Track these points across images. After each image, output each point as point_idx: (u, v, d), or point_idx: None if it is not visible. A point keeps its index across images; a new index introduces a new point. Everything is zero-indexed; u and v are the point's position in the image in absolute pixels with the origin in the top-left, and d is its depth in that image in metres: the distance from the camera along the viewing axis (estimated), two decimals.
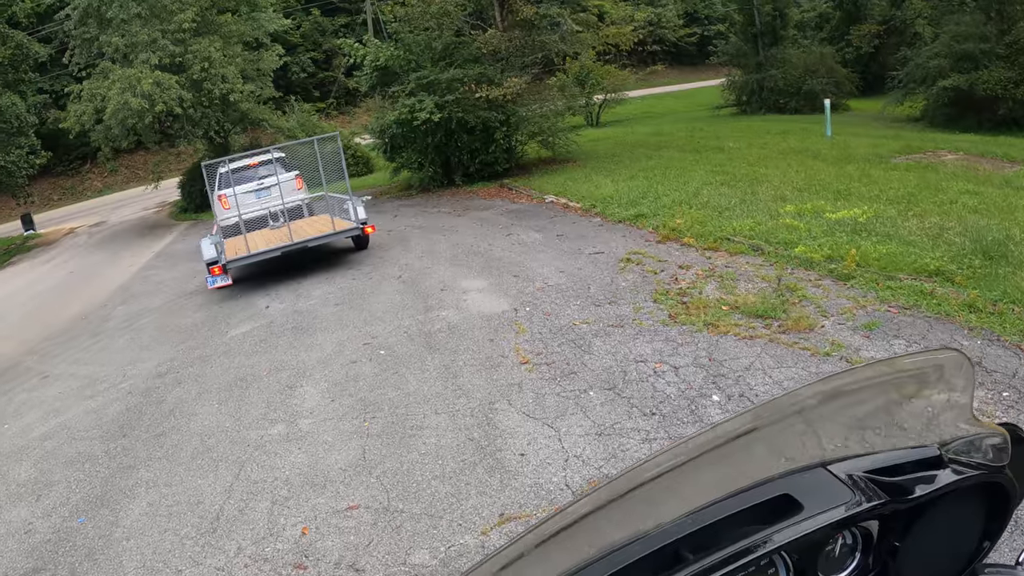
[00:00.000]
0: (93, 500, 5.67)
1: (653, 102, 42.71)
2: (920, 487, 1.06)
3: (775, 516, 1.01)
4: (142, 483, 5.71)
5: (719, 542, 0.98)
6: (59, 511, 5.64)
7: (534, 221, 12.73)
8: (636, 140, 23.50)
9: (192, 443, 6.20)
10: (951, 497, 1.08)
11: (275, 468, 5.39)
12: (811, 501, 1.02)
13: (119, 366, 9.11)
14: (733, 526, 1.00)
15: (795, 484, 1.04)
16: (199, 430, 6.43)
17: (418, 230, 13.78)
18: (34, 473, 6.48)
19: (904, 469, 1.08)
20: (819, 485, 1.04)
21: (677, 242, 9.81)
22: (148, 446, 6.39)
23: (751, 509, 1.01)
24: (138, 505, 5.38)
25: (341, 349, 7.71)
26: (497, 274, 9.56)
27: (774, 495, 1.03)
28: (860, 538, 1.09)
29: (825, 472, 1.06)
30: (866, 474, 1.07)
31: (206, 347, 8.97)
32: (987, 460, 1.09)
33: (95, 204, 37.61)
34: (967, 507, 1.13)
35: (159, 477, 5.73)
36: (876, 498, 1.03)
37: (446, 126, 17.29)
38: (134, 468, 6.02)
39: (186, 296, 12.42)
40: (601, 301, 7.83)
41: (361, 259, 12.16)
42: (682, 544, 0.98)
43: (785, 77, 31.37)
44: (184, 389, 7.60)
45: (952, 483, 1.06)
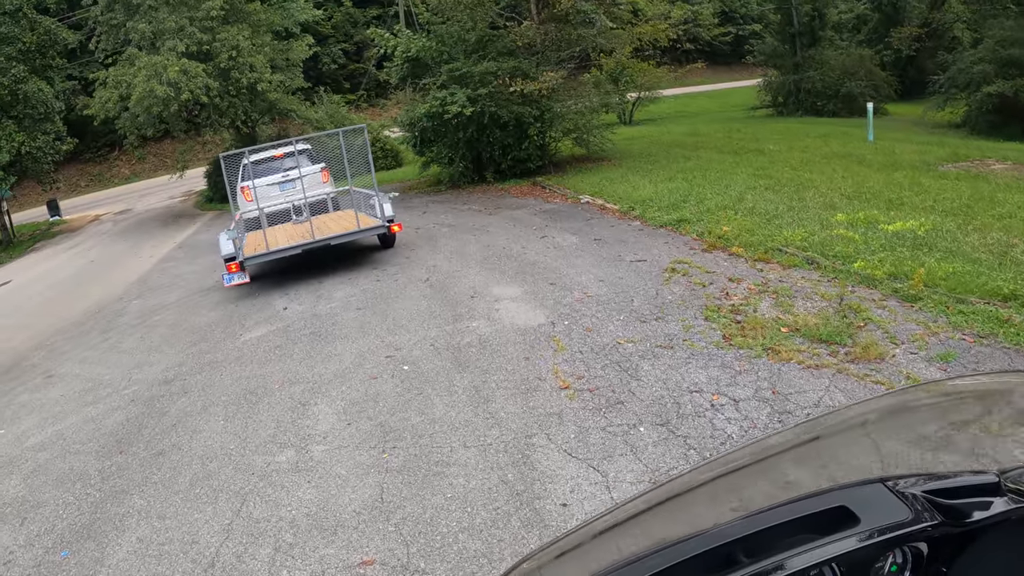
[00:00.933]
0: (80, 530, 5.05)
1: (687, 101, 41.77)
2: (976, 512, 1.01)
3: (831, 527, 0.99)
4: (134, 512, 5.08)
5: (773, 548, 0.96)
6: (43, 540, 5.04)
7: (569, 223, 12.01)
8: (672, 140, 22.72)
9: (192, 467, 5.57)
10: (1007, 527, 1.03)
11: (281, 505, 4.73)
12: (867, 515, 0.99)
13: (126, 369, 8.54)
14: (788, 533, 0.98)
15: (853, 497, 1.02)
16: (201, 451, 5.80)
17: (447, 228, 13.11)
18: (23, 490, 5.90)
19: (961, 492, 1.04)
20: (876, 500, 1.02)
21: (724, 251, 9.06)
22: (145, 467, 5.77)
23: (807, 518, 1.00)
24: (127, 540, 4.75)
25: (361, 362, 7.04)
26: (532, 281, 8.86)
27: (831, 506, 1.01)
28: (911, 558, 1.03)
29: (883, 488, 1.03)
30: (923, 493, 1.03)
31: (217, 351, 8.36)
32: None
33: (122, 191, 37.41)
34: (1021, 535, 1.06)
35: (153, 506, 5.11)
36: (931, 519, 1.00)
37: (478, 120, 16.61)
38: (127, 493, 5.40)
39: (203, 292, 11.85)
40: (647, 316, 7.10)
41: (387, 258, 11.51)
42: (736, 546, 0.96)
43: (823, 79, 30.58)
44: (190, 400, 6.99)
45: (1008, 511, 1.02)
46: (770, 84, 33.33)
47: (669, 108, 36.54)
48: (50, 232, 28.06)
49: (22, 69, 22.91)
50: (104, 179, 40.91)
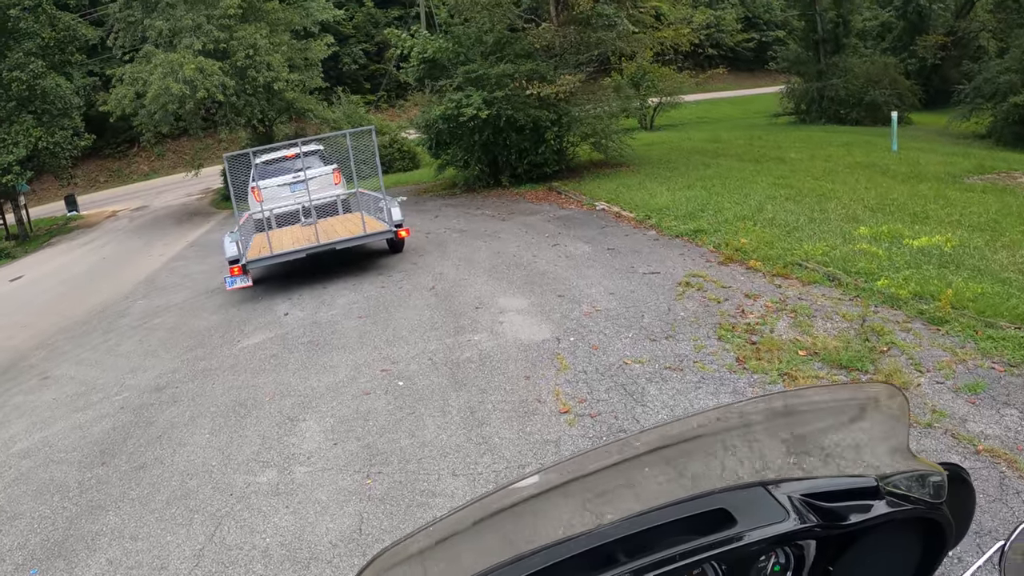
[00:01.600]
0: (51, 547, 4.82)
1: (708, 107, 41.27)
2: (855, 515, 1.06)
3: (711, 529, 1.00)
4: (107, 532, 4.83)
5: (654, 548, 0.97)
6: (13, 556, 4.82)
7: (583, 230, 11.70)
8: (692, 146, 22.34)
9: (171, 483, 5.31)
10: (887, 529, 1.09)
11: (256, 531, 4.45)
12: (746, 518, 1.01)
13: (120, 373, 8.32)
14: (669, 534, 0.99)
15: (733, 500, 1.04)
16: (182, 466, 5.54)
17: (458, 234, 12.83)
18: (1, 500, 5.68)
19: (841, 496, 1.08)
20: (756, 503, 1.04)
21: (742, 265, 8.72)
22: (124, 481, 5.53)
23: (688, 519, 1.01)
24: (96, 562, 4.50)
25: (356, 375, 6.76)
26: (540, 292, 8.56)
27: (711, 508, 1.02)
28: (793, 559, 1.07)
29: (763, 491, 1.06)
30: (803, 497, 1.06)
31: (213, 358, 8.13)
32: (924, 496, 1.10)
33: (140, 188, 37.51)
34: (902, 541, 1.12)
35: (127, 526, 4.85)
36: (810, 521, 1.03)
37: (494, 123, 16.32)
38: (103, 509, 5.16)
39: (207, 294, 11.65)
40: (657, 334, 6.78)
41: (393, 264, 11.25)
42: (617, 546, 0.97)
43: (847, 87, 30.08)
44: (178, 410, 6.74)
45: (887, 514, 1.07)
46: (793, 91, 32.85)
47: (690, 114, 36.10)
48: (66, 227, 28.12)
49: (40, 64, 22.91)
50: (123, 175, 41.06)
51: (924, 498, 1.11)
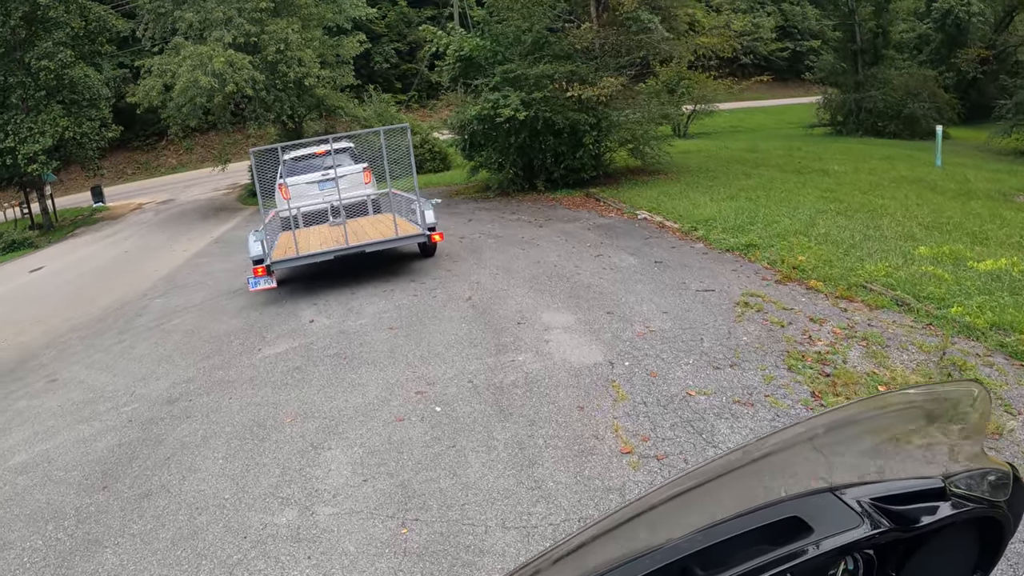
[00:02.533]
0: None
1: (742, 116, 40.43)
2: (923, 517, 1.05)
3: (784, 538, 1.00)
4: (103, 574, 4.20)
5: (727, 560, 0.97)
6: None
7: (626, 241, 10.99)
8: (731, 155, 21.62)
9: (178, 518, 4.67)
10: (950, 529, 1.08)
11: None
12: (819, 524, 1.01)
13: (132, 380, 7.73)
14: (742, 546, 0.98)
15: (803, 507, 1.03)
16: (191, 497, 4.90)
17: (494, 240, 12.16)
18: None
19: (908, 499, 1.07)
20: (827, 509, 1.04)
21: (801, 285, 7.99)
22: (126, 512, 4.89)
23: (760, 529, 1.00)
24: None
25: (388, 396, 6.09)
26: (586, 307, 7.86)
27: (783, 517, 1.01)
28: (862, 564, 1.06)
29: (833, 497, 1.05)
30: (872, 501, 1.05)
31: (231, 368, 7.50)
32: (987, 495, 1.09)
33: (168, 181, 37.28)
34: (964, 539, 1.12)
35: (125, 568, 4.21)
36: (881, 525, 1.02)
37: (531, 126, 15.66)
38: (100, 545, 4.52)
39: (229, 295, 11.07)
40: (720, 361, 6.06)
41: (426, 270, 10.60)
42: (691, 560, 0.97)
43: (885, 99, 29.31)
44: (191, 427, 6.11)
45: (952, 515, 1.06)
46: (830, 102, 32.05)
47: (724, 122, 35.29)
48: (92, 218, 27.86)
49: (69, 54, 22.59)
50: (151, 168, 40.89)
51: (987, 497, 1.09)
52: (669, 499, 1.07)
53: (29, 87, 22.67)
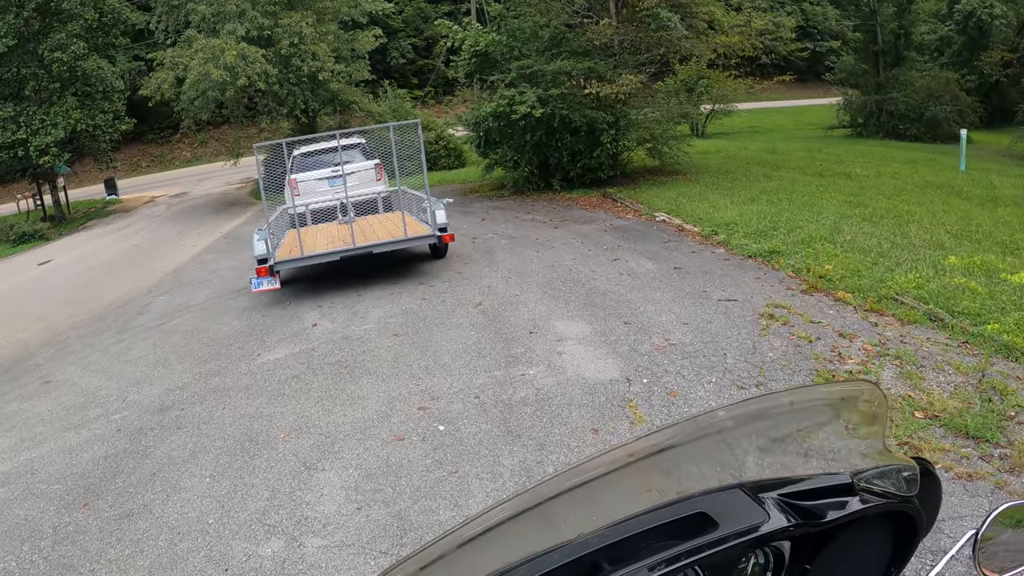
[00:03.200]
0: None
1: (760, 117, 39.75)
2: (831, 512, 1.06)
3: (691, 533, 1.00)
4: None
5: (636, 554, 0.98)
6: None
7: (644, 244, 10.57)
8: (750, 156, 21.11)
9: (158, 544, 4.32)
10: (861, 524, 1.09)
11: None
12: (726, 520, 1.01)
13: (125, 384, 7.41)
14: (650, 539, 1.00)
15: (712, 503, 1.04)
16: (174, 520, 4.55)
17: (507, 241, 11.77)
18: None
19: (817, 494, 1.08)
20: (735, 505, 1.04)
21: (828, 296, 7.55)
22: (105, 533, 4.55)
23: (668, 525, 1.01)
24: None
25: (388, 411, 5.72)
26: (603, 316, 7.46)
27: (691, 512, 1.03)
28: (772, 558, 1.08)
29: (741, 493, 1.06)
30: (780, 496, 1.06)
31: (228, 374, 7.17)
32: (897, 490, 1.11)
33: (181, 174, 37.09)
34: (876, 534, 1.13)
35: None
36: (788, 520, 1.03)
37: (548, 123, 15.24)
38: (74, 572, 4.18)
39: (232, 294, 10.74)
40: (745, 380, 5.65)
41: (436, 271, 10.22)
42: (600, 555, 0.97)
43: (907, 101, 28.64)
44: (180, 440, 5.77)
45: (861, 510, 1.08)
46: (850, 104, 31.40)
47: (742, 123, 34.69)
48: (104, 211, 27.69)
49: (83, 46, 22.38)
50: (165, 161, 40.74)
51: (897, 492, 1.11)
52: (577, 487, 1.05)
53: (42, 79, 22.49)
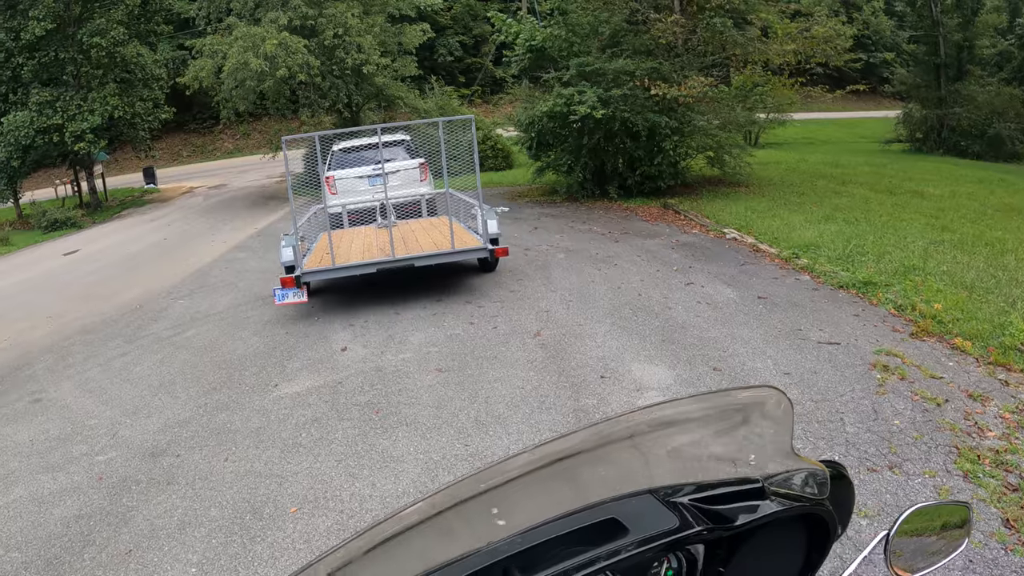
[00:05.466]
0: None
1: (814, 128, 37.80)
2: (743, 516, 1.06)
3: (603, 539, 1.00)
4: None
5: (547, 562, 0.97)
6: None
7: (719, 266, 9.25)
8: (811, 169, 19.69)
9: None
10: (774, 527, 1.09)
11: None
12: (637, 526, 1.01)
13: (120, 412, 6.32)
14: (561, 546, 0.99)
15: (622, 508, 1.04)
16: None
17: (564, 255, 10.51)
18: None
19: (728, 498, 1.08)
20: (646, 510, 1.04)
21: (942, 342, 6.19)
22: None
23: (579, 531, 1.01)
24: None
25: (428, 483, 4.50)
26: (686, 359, 6.19)
27: (602, 519, 1.02)
28: (686, 563, 1.08)
29: (652, 498, 1.06)
30: (692, 501, 1.06)
31: (237, 410, 6.03)
32: (808, 493, 1.11)
33: (222, 165, 36.46)
34: (789, 537, 1.13)
35: None
36: (700, 524, 1.03)
37: (607, 126, 13.99)
38: None
39: (255, 303, 9.65)
40: (874, 459, 4.37)
41: (485, 289, 9.02)
42: (511, 562, 0.96)
43: (969, 117, 26.93)
44: (169, 502, 4.63)
45: (773, 513, 1.08)
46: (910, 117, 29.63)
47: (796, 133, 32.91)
48: (141, 200, 27.08)
49: (122, 31, 21.65)
50: (206, 151, 40.21)
51: (808, 495, 1.11)
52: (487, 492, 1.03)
53: (81, 64, 21.82)
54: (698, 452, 1.21)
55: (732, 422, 1.22)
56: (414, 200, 11.72)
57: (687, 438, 1.21)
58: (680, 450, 1.20)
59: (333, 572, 0.97)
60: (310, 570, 0.97)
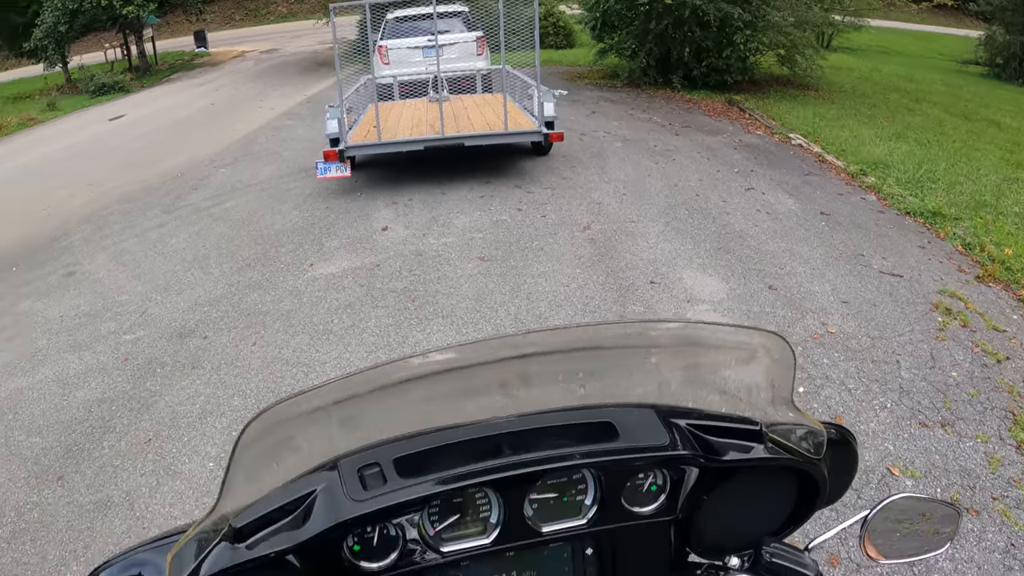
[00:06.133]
0: None
1: (891, 38, 34.87)
2: (735, 453, 1.06)
3: (595, 439, 1.01)
4: None
5: (537, 447, 0.98)
6: None
7: (781, 173, 8.51)
8: (884, 81, 18.06)
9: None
10: (764, 474, 1.09)
11: None
12: (631, 435, 1.01)
13: (152, 288, 6.12)
14: (555, 436, 1.00)
15: (621, 416, 1.04)
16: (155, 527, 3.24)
17: (620, 144, 9.84)
18: None
19: (725, 434, 1.07)
20: (643, 423, 1.04)
21: (1008, 291, 5.47)
22: (64, 538, 3.30)
23: (575, 427, 1.02)
24: None
25: None
26: (741, 273, 5.66)
27: (599, 420, 1.03)
28: (671, 483, 1.08)
29: (652, 414, 1.06)
30: (689, 426, 1.06)
31: (270, 289, 5.77)
32: (803, 449, 1.09)
33: (275, 30, 35.56)
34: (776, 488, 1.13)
35: None
36: (692, 449, 1.03)
37: (677, 12, 12.86)
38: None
39: (298, 175, 9.29)
40: (927, 412, 3.92)
41: (537, 174, 8.49)
42: (504, 439, 0.98)
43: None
44: (192, 387, 4.43)
45: (765, 459, 1.07)
46: (992, 40, 26.98)
47: (870, 40, 30.34)
48: (191, 64, 26.62)
49: None
50: (259, 15, 39.20)
51: (803, 451, 1.09)
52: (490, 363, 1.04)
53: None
54: (705, 380, 1.19)
55: (739, 358, 1.19)
56: (469, 75, 11.14)
57: (698, 363, 1.19)
58: (688, 373, 1.19)
59: (337, 400, 0.98)
60: (311, 393, 0.93)
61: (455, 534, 1.00)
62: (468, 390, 1.05)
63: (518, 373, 1.07)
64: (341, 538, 0.95)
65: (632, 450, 1.00)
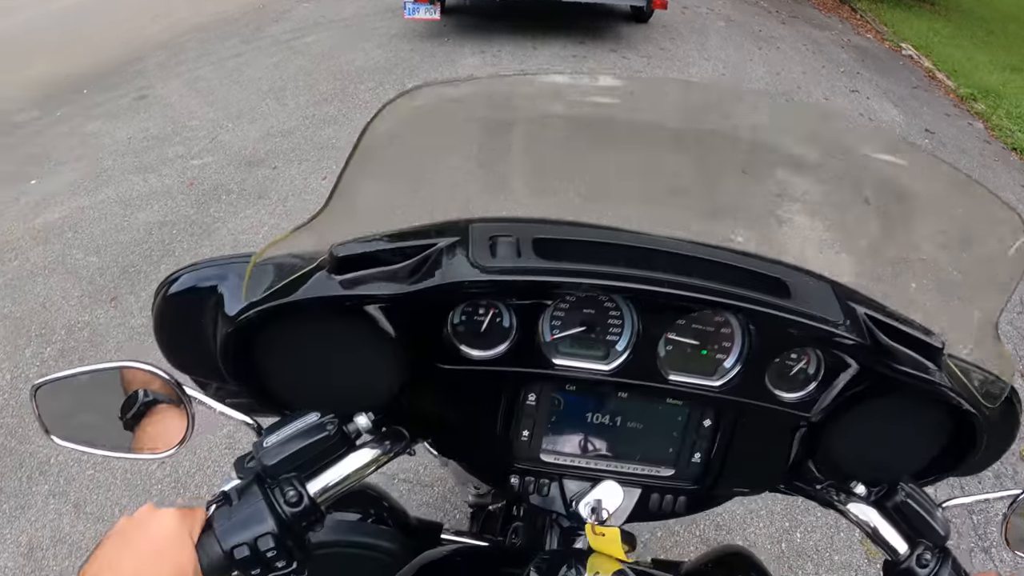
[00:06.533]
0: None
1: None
2: (899, 364, 0.86)
3: (763, 291, 0.86)
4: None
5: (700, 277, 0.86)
6: None
7: (889, 82, 7.74)
8: (1006, 9, 15.94)
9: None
10: (925, 403, 0.91)
11: None
12: (801, 301, 0.86)
13: (224, 115, 5.77)
14: (719, 272, 0.87)
15: (796, 279, 0.89)
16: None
17: (724, 23, 8.97)
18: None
19: (904, 339, 0.88)
20: (818, 295, 0.88)
21: None
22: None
23: (743, 271, 0.89)
24: None
25: None
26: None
27: (771, 275, 0.89)
28: (824, 371, 0.90)
29: (829, 289, 0.90)
30: (866, 315, 0.88)
31: (345, 125, 5.36)
32: (978, 394, 0.90)
33: None
34: (930, 426, 0.94)
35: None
36: (864, 340, 0.85)
37: None
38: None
39: (385, 14, 8.67)
40: None
41: (634, 41, 7.77)
42: (663, 258, 0.87)
43: None
44: (255, 217, 4.13)
45: (940, 387, 0.88)
46: None
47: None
48: None
49: None
50: None
51: (976, 396, 0.90)
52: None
53: None
54: (905, 275, 1.01)
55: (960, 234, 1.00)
56: None
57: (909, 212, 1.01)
58: (889, 264, 1.05)
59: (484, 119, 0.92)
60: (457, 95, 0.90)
61: (572, 350, 0.87)
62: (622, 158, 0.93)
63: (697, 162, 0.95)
64: (450, 307, 0.84)
65: (802, 315, 0.84)
